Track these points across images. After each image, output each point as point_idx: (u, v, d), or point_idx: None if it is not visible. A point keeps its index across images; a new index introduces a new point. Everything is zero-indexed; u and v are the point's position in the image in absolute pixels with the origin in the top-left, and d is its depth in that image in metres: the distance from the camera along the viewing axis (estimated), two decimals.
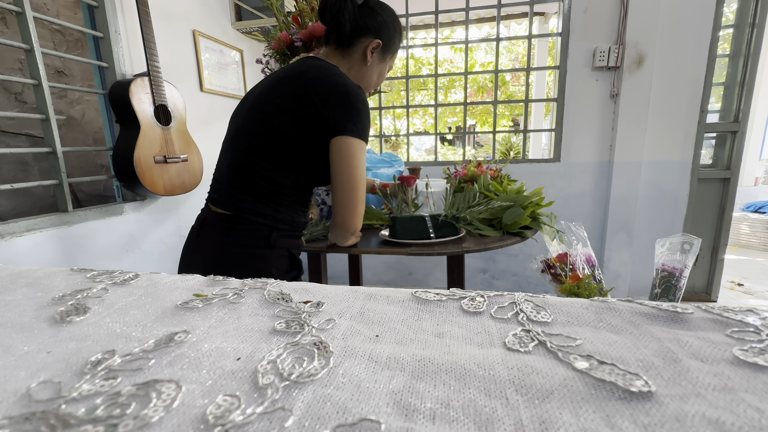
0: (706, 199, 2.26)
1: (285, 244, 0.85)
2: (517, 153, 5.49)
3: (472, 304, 0.38)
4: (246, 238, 0.81)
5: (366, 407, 0.23)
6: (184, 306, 0.39)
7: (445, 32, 5.87)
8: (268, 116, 0.78)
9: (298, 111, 0.76)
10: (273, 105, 0.78)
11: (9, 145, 1.85)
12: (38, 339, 0.32)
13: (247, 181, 0.80)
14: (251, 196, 0.80)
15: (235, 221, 0.80)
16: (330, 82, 0.77)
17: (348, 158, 0.76)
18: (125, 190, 1.52)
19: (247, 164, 0.80)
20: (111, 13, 1.40)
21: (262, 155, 0.79)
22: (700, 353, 0.28)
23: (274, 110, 0.78)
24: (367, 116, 0.79)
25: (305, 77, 0.78)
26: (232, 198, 0.81)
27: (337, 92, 0.76)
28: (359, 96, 0.78)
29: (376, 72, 0.90)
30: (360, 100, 0.78)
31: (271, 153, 0.79)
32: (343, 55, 0.86)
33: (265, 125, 0.78)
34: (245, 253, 0.81)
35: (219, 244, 0.81)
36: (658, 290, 0.88)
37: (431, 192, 1.37)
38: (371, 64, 0.87)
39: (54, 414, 0.22)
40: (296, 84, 0.78)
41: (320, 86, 0.77)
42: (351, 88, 0.77)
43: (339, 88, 0.76)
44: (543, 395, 0.24)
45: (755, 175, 4.41)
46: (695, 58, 2.04)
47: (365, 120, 0.78)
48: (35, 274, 0.50)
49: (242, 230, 0.81)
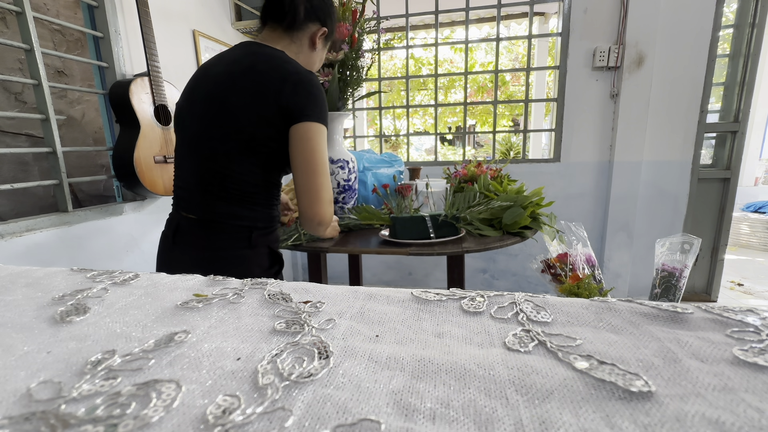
0: (706, 199, 2.26)
1: (265, 242, 0.84)
2: (517, 153, 5.49)
3: (472, 304, 0.38)
4: (226, 241, 0.80)
5: (366, 407, 0.23)
6: (184, 306, 0.39)
7: (445, 32, 5.88)
8: (226, 119, 0.76)
9: (255, 108, 0.75)
10: (229, 105, 0.76)
11: (9, 145, 1.84)
12: (38, 339, 0.32)
13: (217, 187, 0.78)
14: (224, 201, 0.79)
15: (212, 226, 0.79)
16: (281, 71, 0.75)
17: (306, 142, 0.75)
18: (125, 190, 1.52)
19: (215, 171, 0.78)
20: (111, 13, 1.40)
21: (228, 160, 0.77)
22: (700, 353, 0.28)
23: (232, 111, 0.76)
24: (322, 100, 0.77)
25: (255, 71, 0.76)
26: (204, 204, 0.79)
27: (291, 80, 0.74)
28: (312, 81, 0.76)
29: (318, 57, 0.90)
30: (314, 85, 0.76)
31: (237, 156, 0.77)
32: (292, 39, 0.84)
33: (226, 128, 0.76)
34: (226, 255, 0.80)
35: (198, 249, 0.80)
36: (658, 290, 0.88)
37: (431, 192, 1.37)
38: (317, 51, 0.88)
39: (54, 414, 0.22)
40: (248, 80, 0.76)
41: (273, 77, 0.75)
42: (303, 74, 0.76)
43: (292, 75, 0.75)
44: (543, 395, 0.24)
45: (755, 175, 4.41)
46: (695, 58, 2.04)
47: (321, 104, 0.77)
48: (35, 274, 0.50)
49: (221, 234, 0.79)
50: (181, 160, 0.83)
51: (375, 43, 2.18)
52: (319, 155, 0.76)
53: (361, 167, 1.52)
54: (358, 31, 1.20)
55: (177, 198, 0.84)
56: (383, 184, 1.49)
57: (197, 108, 0.79)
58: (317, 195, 0.77)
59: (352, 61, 1.21)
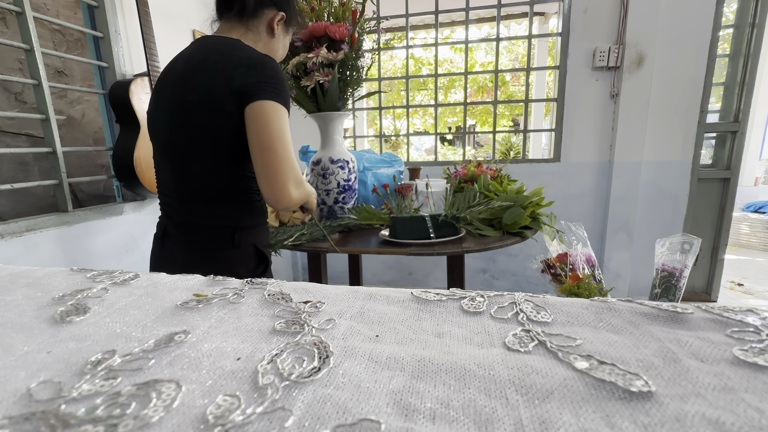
0: (706, 199, 2.26)
1: (250, 240, 0.82)
2: (517, 153, 5.49)
3: (472, 304, 0.38)
4: (209, 243, 0.79)
5: (366, 407, 0.23)
6: (184, 306, 0.39)
7: (445, 32, 5.88)
8: (187, 118, 0.74)
9: (211, 101, 0.72)
10: (188, 105, 0.74)
11: (9, 145, 1.84)
12: (38, 339, 0.32)
13: (195, 191, 0.77)
14: (202, 202, 0.77)
15: (195, 229, 0.79)
16: (232, 57, 0.72)
17: (258, 120, 0.70)
18: (125, 190, 1.52)
19: (188, 173, 0.77)
20: (111, 13, 1.40)
21: (198, 160, 0.75)
22: (700, 353, 0.28)
23: (191, 110, 0.74)
24: (278, 80, 0.73)
25: (206, 63, 0.73)
26: (184, 208, 0.79)
27: (242, 64, 0.72)
28: (266, 62, 0.73)
29: (281, 45, 0.87)
30: (268, 65, 0.72)
31: (206, 155, 0.75)
32: (248, 28, 0.81)
33: (189, 129, 0.75)
34: (211, 257, 0.78)
35: (184, 251, 0.80)
36: (658, 290, 0.88)
37: (431, 192, 1.37)
38: (277, 37, 0.85)
39: (54, 414, 0.22)
40: (200, 74, 0.73)
41: (223, 65, 0.72)
42: (256, 57, 0.73)
43: (242, 60, 0.72)
44: (543, 395, 0.24)
45: (755, 175, 4.41)
46: (695, 58, 2.04)
47: (277, 82, 0.72)
48: (35, 274, 0.50)
49: (204, 236, 0.79)
50: (158, 167, 0.83)
51: (375, 43, 2.17)
52: (276, 133, 0.71)
53: (361, 167, 1.52)
54: (358, 31, 1.20)
55: (161, 203, 0.84)
56: (383, 184, 1.49)
57: (161, 112, 0.78)
58: (274, 175, 0.72)
59: (352, 61, 1.21)
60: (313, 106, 1.24)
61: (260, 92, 0.70)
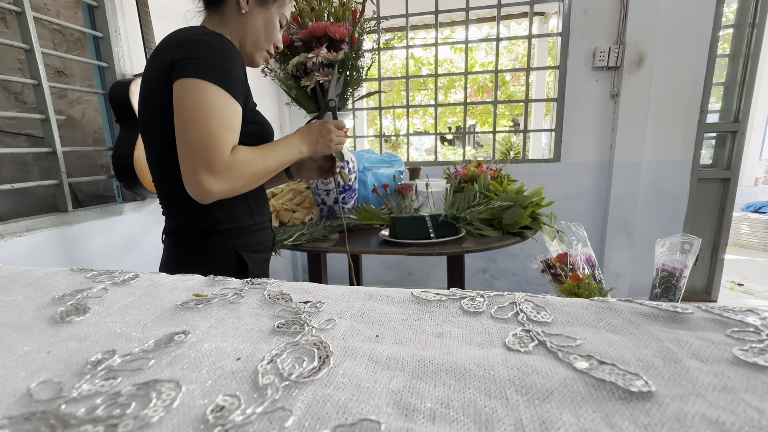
0: (706, 199, 2.26)
1: (230, 246, 0.75)
2: (517, 153, 5.49)
3: (472, 304, 0.38)
4: (186, 246, 0.75)
5: (366, 407, 0.23)
6: (184, 306, 0.39)
7: (445, 32, 5.88)
8: (145, 118, 0.71)
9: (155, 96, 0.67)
10: (144, 104, 0.71)
11: (9, 145, 1.84)
12: (38, 339, 0.32)
13: (168, 192, 0.73)
14: (177, 205, 0.73)
15: (174, 232, 0.76)
16: (171, 39, 0.66)
17: (175, 102, 0.63)
18: (125, 190, 1.52)
19: (161, 174, 0.73)
20: (111, 13, 1.40)
21: (165, 160, 0.70)
22: (700, 353, 0.28)
23: (147, 109, 0.70)
24: (211, 57, 0.63)
25: (154, 56, 0.68)
26: (166, 211, 0.77)
27: (173, 45, 0.65)
28: (200, 38, 0.64)
29: (260, 21, 0.76)
30: (201, 40, 0.64)
31: (166, 150, 0.69)
32: (213, 11, 0.76)
33: (149, 129, 0.71)
34: (187, 263, 0.73)
35: (168, 256, 0.78)
36: (658, 290, 0.88)
37: (431, 192, 1.37)
38: (249, 13, 0.74)
39: (54, 414, 0.22)
40: (147, 70, 0.69)
41: (162, 50, 0.66)
42: (194, 36, 0.65)
43: (178, 40, 0.65)
44: (543, 395, 0.24)
45: (755, 175, 4.41)
46: (695, 58, 2.04)
47: (205, 58, 0.62)
48: (35, 274, 0.50)
49: (181, 240, 0.75)
50: None
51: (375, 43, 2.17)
52: (187, 113, 0.61)
53: (361, 167, 1.52)
54: (358, 31, 1.20)
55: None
56: (383, 184, 1.49)
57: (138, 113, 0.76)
58: (183, 163, 0.63)
59: (352, 61, 1.21)
60: (313, 106, 1.24)
61: (182, 69, 0.62)
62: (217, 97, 0.62)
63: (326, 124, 0.83)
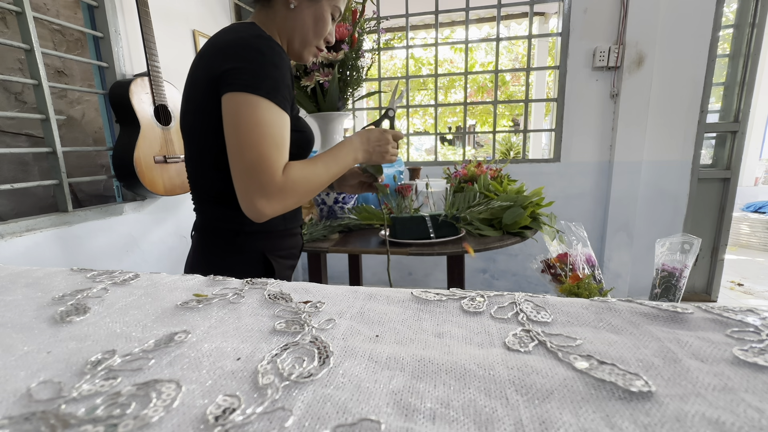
0: (706, 199, 2.26)
1: (258, 247, 0.75)
2: (517, 153, 5.49)
3: (472, 304, 0.38)
4: (214, 246, 0.75)
5: (366, 407, 0.23)
6: (184, 306, 0.39)
7: (445, 32, 5.88)
8: (187, 117, 0.71)
9: (201, 98, 0.66)
10: (187, 102, 0.70)
11: (9, 145, 1.85)
12: (38, 339, 0.32)
13: (202, 190, 0.74)
14: (210, 202, 0.74)
15: (203, 227, 0.76)
16: (217, 43, 0.65)
17: (227, 118, 0.61)
18: (125, 190, 1.52)
19: (195, 174, 0.74)
20: (111, 13, 1.40)
21: (202, 159, 0.71)
22: (700, 353, 0.28)
23: (189, 108, 0.70)
24: (262, 67, 0.61)
25: (201, 54, 0.68)
26: (198, 208, 0.77)
27: (222, 49, 0.63)
28: (249, 43, 0.62)
29: (309, 17, 0.72)
30: (250, 46, 0.62)
31: (208, 154, 0.69)
32: (265, 9, 0.73)
33: (189, 128, 0.71)
34: (215, 261, 0.74)
35: (196, 253, 0.78)
36: (658, 290, 0.88)
37: (431, 192, 1.37)
38: (298, 8, 0.70)
39: (54, 414, 0.22)
40: (195, 69, 0.68)
41: (210, 55, 0.65)
42: (243, 39, 0.63)
43: (225, 43, 0.64)
44: (543, 395, 0.24)
45: (755, 175, 4.41)
46: (695, 58, 2.04)
47: (258, 71, 0.61)
48: (35, 274, 0.50)
49: (210, 236, 0.75)
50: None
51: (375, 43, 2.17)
52: (243, 134, 0.60)
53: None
54: (358, 31, 1.20)
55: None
56: (383, 184, 1.49)
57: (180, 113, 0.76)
58: (238, 185, 0.63)
59: (352, 61, 1.21)
60: (313, 106, 1.24)
61: (232, 81, 0.60)
62: (268, 113, 0.61)
63: (385, 134, 0.79)
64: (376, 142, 0.79)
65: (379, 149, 0.79)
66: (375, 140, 0.79)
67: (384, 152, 0.80)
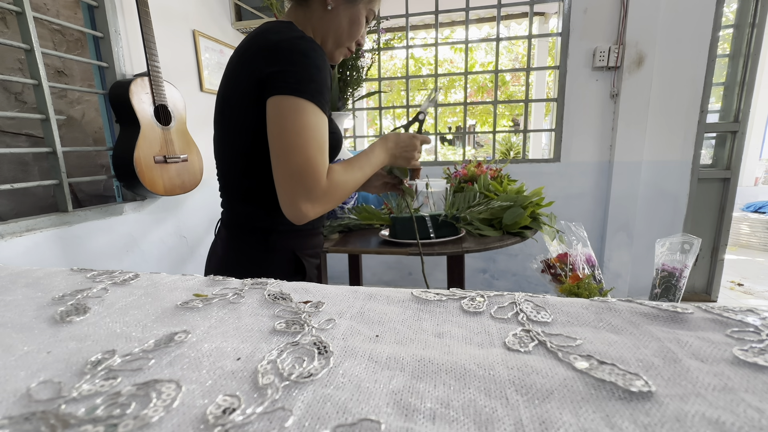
0: (706, 199, 2.26)
1: (289, 246, 0.76)
2: (517, 153, 5.49)
3: (472, 304, 0.38)
4: (245, 244, 0.75)
5: (366, 407, 0.23)
6: (184, 306, 0.39)
7: (445, 32, 5.88)
8: (224, 114, 0.71)
9: (240, 96, 0.66)
10: (224, 98, 0.70)
11: (9, 145, 1.85)
12: (38, 339, 0.32)
13: (234, 188, 0.74)
14: (242, 201, 0.74)
15: (234, 225, 0.76)
16: (262, 41, 0.64)
17: (272, 120, 0.61)
18: (125, 190, 1.52)
19: (228, 171, 0.74)
20: (111, 13, 1.40)
21: (236, 157, 0.71)
22: (700, 353, 0.28)
23: (227, 104, 0.70)
24: (306, 69, 0.61)
25: (241, 50, 0.67)
26: (228, 205, 0.77)
27: (266, 49, 0.63)
28: (294, 45, 0.62)
29: (345, 18, 0.72)
30: (296, 51, 0.62)
31: (243, 151, 0.70)
32: (302, 8, 0.73)
33: (225, 126, 0.71)
34: (247, 259, 0.75)
35: (225, 248, 0.78)
36: (658, 290, 0.88)
37: (431, 192, 1.37)
38: (335, 9, 0.71)
39: (54, 414, 0.22)
40: (235, 65, 0.68)
41: (252, 53, 0.65)
42: (287, 41, 0.62)
43: (269, 44, 0.63)
44: (543, 395, 0.24)
45: (755, 175, 4.41)
46: (695, 58, 2.04)
47: (303, 74, 0.61)
48: (35, 274, 0.50)
49: (241, 234, 0.75)
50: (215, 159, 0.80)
51: (375, 43, 2.17)
52: (288, 138, 0.60)
53: None
54: None
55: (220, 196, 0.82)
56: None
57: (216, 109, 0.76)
58: (282, 188, 0.63)
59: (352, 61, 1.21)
60: None
61: (278, 85, 0.61)
62: (313, 116, 0.62)
63: (414, 139, 0.80)
64: (404, 146, 0.79)
65: (407, 154, 0.80)
66: (404, 144, 0.79)
67: (410, 157, 0.81)
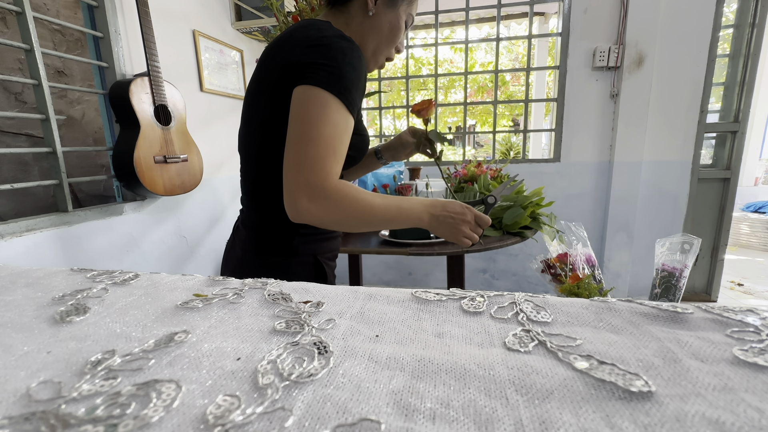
0: (706, 199, 2.26)
1: (311, 250, 0.74)
2: (517, 153, 5.49)
3: (472, 304, 0.38)
4: (267, 245, 0.73)
5: (366, 407, 0.23)
6: (184, 306, 0.39)
7: (445, 32, 5.87)
8: (253, 110, 0.69)
9: (276, 94, 0.63)
10: (254, 95, 0.68)
11: (9, 145, 1.85)
12: (38, 339, 0.32)
13: (258, 188, 0.72)
14: (265, 201, 0.72)
15: (256, 226, 0.74)
16: (298, 37, 0.62)
17: (295, 108, 0.59)
18: (125, 190, 1.52)
19: (255, 169, 0.71)
20: (111, 13, 1.40)
21: (262, 157, 0.69)
22: (700, 353, 0.28)
23: (256, 101, 0.67)
24: (340, 66, 0.59)
25: (277, 46, 0.65)
26: (250, 203, 0.75)
27: (304, 44, 0.61)
28: (334, 43, 0.60)
29: (386, 23, 0.71)
30: (335, 46, 0.60)
31: (269, 153, 0.67)
32: (338, 10, 0.71)
33: (254, 122, 0.69)
34: (269, 261, 0.73)
35: (245, 250, 0.76)
36: (658, 290, 0.88)
37: (431, 192, 1.37)
38: (377, 14, 0.69)
39: (54, 414, 0.22)
40: (269, 60, 0.65)
41: (289, 48, 0.62)
42: (327, 38, 0.61)
43: (309, 39, 0.61)
44: (543, 395, 0.24)
45: (755, 175, 4.41)
46: (695, 58, 2.04)
47: (335, 69, 0.59)
48: (35, 274, 0.50)
49: (263, 236, 0.73)
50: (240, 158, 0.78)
51: None
52: (307, 126, 0.58)
53: None
54: None
55: (241, 194, 0.79)
56: (383, 184, 1.49)
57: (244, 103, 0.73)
58: (286, 178, 0.60)
59: None
60: None
61: (308, 75, 0.58)
62: (336, 112, 0.59)
63: (468, 211, 0.72)
64: (450, 213, 0.71)
65: (452, 221, 0.70)
66: (451, 211, 0.71)
67: (456, 229, 0.71)
